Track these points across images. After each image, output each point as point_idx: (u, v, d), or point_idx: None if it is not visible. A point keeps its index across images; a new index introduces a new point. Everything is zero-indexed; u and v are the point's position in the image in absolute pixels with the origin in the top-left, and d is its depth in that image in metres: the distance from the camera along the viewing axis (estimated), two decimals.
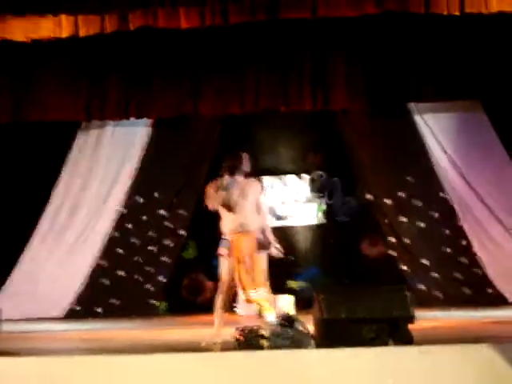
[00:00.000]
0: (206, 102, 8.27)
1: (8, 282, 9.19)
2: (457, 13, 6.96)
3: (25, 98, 8.28)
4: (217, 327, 5.35)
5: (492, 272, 8.89)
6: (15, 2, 6.52)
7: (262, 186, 5.82)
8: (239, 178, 5.39)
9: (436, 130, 9.19)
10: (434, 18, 7.25)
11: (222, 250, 5.33)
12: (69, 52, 8.03)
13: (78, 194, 9.40)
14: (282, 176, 10.39)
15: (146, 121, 9.26)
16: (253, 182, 5.50)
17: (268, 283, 5.35)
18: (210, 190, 5.36)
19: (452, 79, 8.19)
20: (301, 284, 9.92)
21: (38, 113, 8.30)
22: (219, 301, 5.34)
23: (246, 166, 5.46)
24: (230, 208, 5.29)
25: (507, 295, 8.72)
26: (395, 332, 4.44)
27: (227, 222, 5.32)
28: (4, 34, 6.83)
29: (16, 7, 6.55)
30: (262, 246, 5.34)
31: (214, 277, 9.62)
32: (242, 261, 5.24)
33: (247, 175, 5.47)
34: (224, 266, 5.33)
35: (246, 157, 5.49)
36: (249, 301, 5.41)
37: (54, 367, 4.49)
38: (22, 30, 6.87)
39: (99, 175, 9.42)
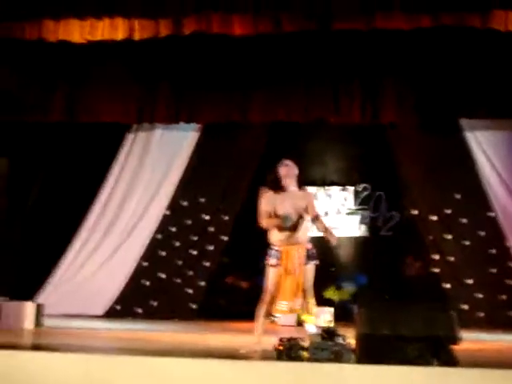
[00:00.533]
0: (255, 109, 8.30)
1: (52, 279, 9.34)
2: None
3: (78, 98, 8.45)
4: (258, 336, 5.32)
5: None
6: (74, 4, 6.66)
7: (313, 196, 5.77)
8: (291, 189, 5.37)
9: (487, 147, 9.04)
10: (489, 34, 7.12)
11: (272, 261, 5.30)
12: (123, 55, 8.15)
13: (123, 196, 9.53)
14: (327, 187, 10.33)
15: (195, 126, 9.34)
16: (304, 194, 5.45)
17: (313, 294, 5.30)
18: (265, 212, 5.32)
19: (504, 97, 8.04)
20: (347, 290, 9.81)
21: (90, 113, 8.45)
22: (262, 310, 5.32)
23: (295, 173, 5.40)
24: (282, 229, 5.29)
25: None
26: (440, 352, 4.34)
27: (277, 233, 5.30)
28: (63, 35, 6.98)
29: (75, 9, 6.70)
30: (312, 257, 5.31)
31: (253, 284, 9.71)
32: (290, 272, 5.23)
33: (299, 184, 5.43)
34: (272, 276, 5.30)
35: (292, 165, 5.43)
36: (282, 312, 5.38)
37: (91, 365, 4.51)
38: (80, 31, 7.00)
39: (146, 177, 9.54)
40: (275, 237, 5.33)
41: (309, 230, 5.50)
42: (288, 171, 5.36)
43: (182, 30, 7.23)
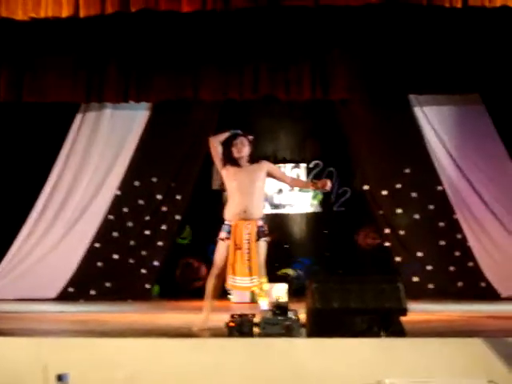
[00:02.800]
0: (205, 87, 8.22)
1: (2, 262, 9.18)
2: (459, 5, 6.92)
3: (25, 77, 8.22)
4: (206, 313, 5.33)
5: (485, 266, 8.92)
6: None
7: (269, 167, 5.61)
8: (245, 164, 5.37)
9: (435, 123, 9.20)
10: (436, 10, 7.20)
11: (221, 234, 5.30)
12: (69, 33, 7.97)
13: (74, 176, 9.38)
14: (280, 164, 10.38)
15: (145, 104, 9.24)
16: (260, 165, 5.42)
17: (265, 271, 5.32)
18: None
19: (452, 72, 8.16)
20: (294, 272, 9.94)
21: (37, 93, 8.25)
22: (210, 285, 5.31)
23: (249, 149, 5.40)
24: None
25: (500, 290, 8.75)
26: (387, 324, 4.44)
27: (231, 207, 5.30)
28: (5, 13, 6.78)
29: None
30: (263, 234, 5.31)
31: (209, 263, 9.73)
32: (240, 247, 5.21)
33: (252, 159, 5.42)
34: (220, 251, 5.30)
35: (244, 140, 5.42)
36: (236, 287, 5.38)
37: (45, 348, 4.50)
38: (23, 8, 6.81)
39: (97, 158, 9.39)
40: (229, 212, 5.33)
41: (264, 207, 5.54)
42: (241, 151, 5.36)
43: (128, 8, 7.11)
